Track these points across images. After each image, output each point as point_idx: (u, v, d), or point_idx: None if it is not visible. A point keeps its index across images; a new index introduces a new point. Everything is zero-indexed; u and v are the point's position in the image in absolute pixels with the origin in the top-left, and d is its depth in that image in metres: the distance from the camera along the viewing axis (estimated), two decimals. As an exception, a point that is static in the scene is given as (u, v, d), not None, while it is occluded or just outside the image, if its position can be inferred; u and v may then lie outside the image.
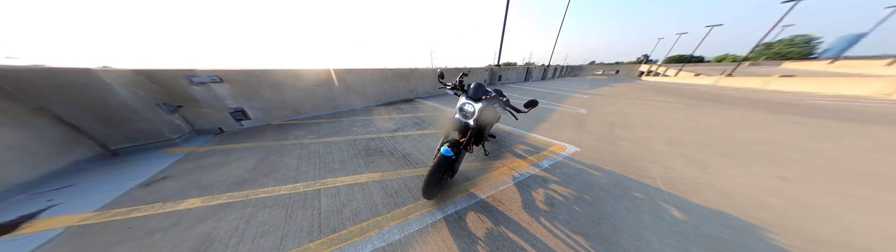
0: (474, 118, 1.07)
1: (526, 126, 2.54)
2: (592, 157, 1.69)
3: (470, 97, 1.10)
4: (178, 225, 0.95)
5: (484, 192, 1.24)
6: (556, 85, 8.60)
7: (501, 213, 1.08)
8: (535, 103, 1.07)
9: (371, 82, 3.58)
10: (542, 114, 3.19)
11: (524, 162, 1.61)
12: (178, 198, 1.15)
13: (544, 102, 4.10)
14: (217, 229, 0.92)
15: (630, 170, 1.50)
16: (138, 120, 1.66)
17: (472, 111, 1.08)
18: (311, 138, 2.10)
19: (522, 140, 2.09)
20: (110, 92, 1.52)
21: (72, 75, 1.41)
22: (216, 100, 2.13)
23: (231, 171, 1.45)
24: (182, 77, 1.94)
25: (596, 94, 5.67)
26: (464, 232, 0.96)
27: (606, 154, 1.76)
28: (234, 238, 0.88)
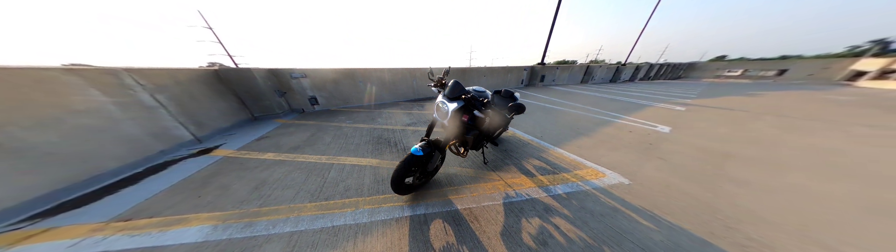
0: (448, 118, 1.03)
1: (552, 138, 2.15)
2: (648, 197, 1.18)
3: (446, 96, 1.05)
4: (257, 168, 1.55)
5: (462, 203, 1.15)
6: (636, 89, 6.46)
7: (471, 232, 0.96)
8: (519, 108, 0.93)
9: (401, 80, 4.03)
10: (583, 125, 2.60)
11: (530, 181, 1.36)
12: (264, 151, 1.84)
13: (596, 111, 3.31)
14: (269, 176, 1.43)
15: (723, 234, 0.93)
16: (265, 99, 2.69)
17: (446, 111, 1.04)
18: (347, 123, 2.67)
19: (539, 154, 1.76)
20: (256, 82, 2.55)
21: (242, 71, 2.46)
22: (302, 89, 3.10)
23: (294, 139, 2.11)
24: (288, 73, 2.91)
25: (706, 107, 3.78)
26: (422, 237, 0.94)
27: (681, 197, 1.18)
28: (273, 185, 1.34)
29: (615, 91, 6.03)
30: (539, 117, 2.92)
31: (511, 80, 6.49)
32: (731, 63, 19.06)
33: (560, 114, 3.14)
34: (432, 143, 1.08)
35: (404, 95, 4.22)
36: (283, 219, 1.01)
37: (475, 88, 1.25)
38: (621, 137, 2.15)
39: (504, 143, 2.00)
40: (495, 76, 5.99)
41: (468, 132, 1.14)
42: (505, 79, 6.26)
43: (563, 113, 3.21)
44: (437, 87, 1.22)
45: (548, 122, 2.67)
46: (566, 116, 2.98)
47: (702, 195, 1.18)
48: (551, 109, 3.47)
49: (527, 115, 3.00)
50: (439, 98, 1.09)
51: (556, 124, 2.58)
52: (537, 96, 4.83)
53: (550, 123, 2.62)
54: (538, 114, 3.13)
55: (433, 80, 1.25)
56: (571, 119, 2.84)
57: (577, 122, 2.72)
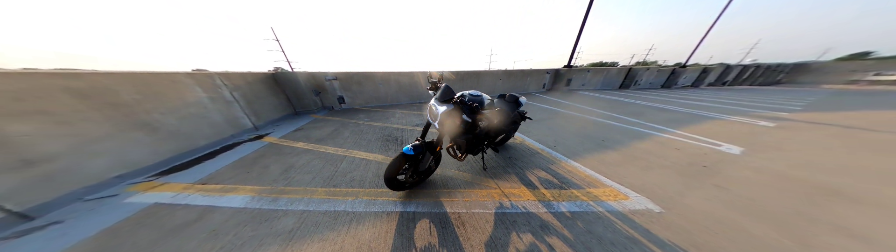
0: (438, 121, 1.07)
1: (567, 148, 1.96)
2: (685, 231, 0.95)
3: (437, 99, 1.11)
4: (289, 154, 1.92)
5: (452, 207, 1.14)
6: (700, 97, 5.26)
7: (455, 237, 0.94)
8: (506, 114, 1.01)
9: (415, 83, 4.32)
10: (612, 137, 2.28)
11: (530, 193, 1.26)
12: (297, 140, 2.24)
13: (632, 122, 2.87)
14: (296, 162, 1.76)
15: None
16: (305, 98, 3.28)
17: (436, 113, 1.08)
18: (364, 121, 3.00)
19: (548, 165, 1.62)
20: (299, 83, 3.13)
21: (290, 74, 3.06)
22: (333, 90, 3.64)
23: (320, 132, 2.51)
24: (323, 76, 3.46)
25: (814, 123, 2.84)
26: (407, 234, 0.97)
27: (740, 239, 0.89)
28: (298, 169, 1.65)
29: (666, 98, 5.11)
30: (557, 125, 2.69)
31: (531, 84, 6.12)
32: (882, 62, 12.48)
33: (584, 122, 2.84)
34: (425, 144, 1.14)
35: (418, 97, 4.48)
36: (299, 198, 1.25)
37: (470, 92, 1.25)
38: (662, 155, 1.80)
39: (509, 150, 1.90)
40: (512, 80, 5.72)
41: (460, 135, 1.16)
42: (523, 82, 5.94)
43: (589, 121, 2.89)
44: (432, 90, 1.29)
45: (566, 131, 2.43)
46: (591, 126, 2.67)
47: (780, 243, 0.87)
48: (573, 117, 3.15)
49: (540, 122, 2.80)
50: (432, 101, 1.15)
51: (575, 134, 2.34)
52: (559, 102, 4.47)
53: (569, 132, 2.38)
54: (556, 121, 2.89)
55: (430, 84, 1.31)
56: (597, 129, 2.54)
57: (604, 132, 2.40)
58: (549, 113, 3.41)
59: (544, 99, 4.84)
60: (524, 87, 6.03)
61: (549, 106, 4.01)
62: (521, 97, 1.68)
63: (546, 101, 4.60)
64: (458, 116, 1.07)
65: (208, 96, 2.11)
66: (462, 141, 1.18)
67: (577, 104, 4.13)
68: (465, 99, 1.11)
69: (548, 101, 4.49)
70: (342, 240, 0.93)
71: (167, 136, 1.73)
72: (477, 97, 1.22)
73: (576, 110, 3.58)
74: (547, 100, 4.72)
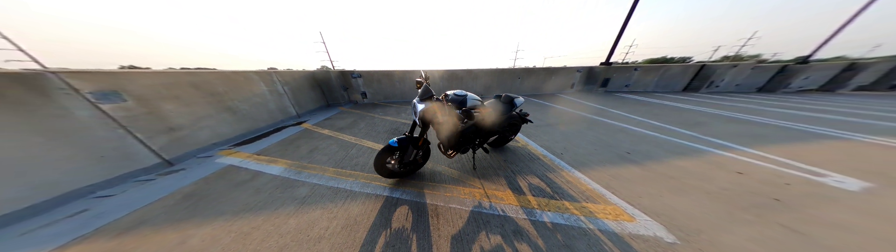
0: (418, 118, 1.16)
1: (576, 157, 1.77)
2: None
3: (418, 97, 1.20)
4: (316, 138, 2.39)
5: (432, 199, 1.21)
6: (837, 105, 3.88)
7: (427, 225, 1.02)
8: (468, 115, 1.07)
9: (431, 81, 4.57)
10: (642, 149, 1.91)
11: (514, 197, 1.21)
12: (324, 128, 2.75)
13: (681, 134, 2.35)
14: (320, 145, 2.21)
15: None
16: (335, 92, 3.91)
17: (416, 111, 1.18)
18: (379, 115, 3.39)
19: (545, 173, 1.49)
20: (331, 79, 3.73)
21: (324, 72, 3.66)
22: (357, 86, 4.17)
23: (342, 122, 2.99)
24: (350, 74, 3.98)
25: None
26: (387, 215, 1.09)
27: None
28: (320, 151, 2.08)
29: (756, 106, 3.89)
30: (573, 131, 2.46)
31: (555, 85, 5.52)
32: None
33: (610, 130, 2.47)
34: (410, 138, 1.24)
35: (435, 92, 4.86)
36: (314, 174, 1.62)
37: (455, 92, 1.31)
38: (709, 177, 1.41)
39: (507, 153, 1.83)
40: (534, 79, 5.31)
41: (441, 133, 1.23)
42: (546, 82, 5.41)
43: (617, 130, 2.51)
44: (419, 88, 1.33)
45: (582, 139, 2.18)
46: (618, 135, 2.32)
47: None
48: (598, 123, 2.78)
49: (553, 127, 2.61)
50: (415, 99, 1.23)
51: (593, 142, 2.07)
52: (587, 105, 4.00)
53: (586, 140, 2.13)
54: (575, 126, 2.62)
55: (417, 83, 1.35)
56: (625, 139, 2.19)
57: (634, 144, 2.05)
58: (570, 117, 3.12)
59: (569, 101, 4.41)
60: (545, 88, 5.49)
61: (571, 109, 3.67)
62: (518, 98, 1.63)
63: (570, 103, 4.19)
64: (433, 114, 1.15)
65: (268, 89, 2.77)
66: (443, 138, 1.27)
67: (609, 108, 3.60)
68: (448, 98, 1.20)
69: (572, 104, 4.09)
70: (337, 211, 1.16)
71: (242, 118, 2.40)
72: (459, 97, 1.27)
73: (605, 115, 3.16)
74: (572, 102, 4.29)
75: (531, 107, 3.86)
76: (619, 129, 2.55)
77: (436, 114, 1.15)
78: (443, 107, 1.15)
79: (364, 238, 0.97)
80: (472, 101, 1.28)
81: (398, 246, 0.92)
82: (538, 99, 4.64)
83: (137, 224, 1.08)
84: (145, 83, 1.70)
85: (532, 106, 3.94)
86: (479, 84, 4.91)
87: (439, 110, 1.15)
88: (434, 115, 1.15)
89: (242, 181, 1.51)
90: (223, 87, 2.26)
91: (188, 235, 0.99)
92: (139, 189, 1.43)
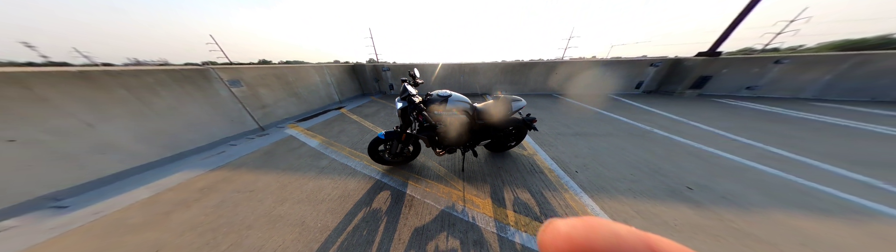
0: (399, 115, 1.28)
1: (594, 179, 1.41)
2: None
3: (398, 95, 1.31)
4: (346, 122, 3.07)
5: (412, 191, 1.31)
6: None
7: (398, 212, 1.13)
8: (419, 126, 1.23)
9: (450, 75, 4.67)
10: (728, 188, 1.30)
11: (491, 208, 1.15)
12: (355, 114, 3.41)
13: (851, 184, 1.34)
14: (346, 127, 2.85)
15: None
16: (369, 83, 4.59)
17: (397, 108, 1.29)
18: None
19: (543, 191, 1.30)
20: (365, 72, 4.37)
21: (360, 66, 4.37)
22: (386, 78, 4.71)
23: (369, 110, 3.60)
24: (381, 67, 4.52)
25: None
26: (371, 195, 1.27)
27: None
28: (346, 133, 2.70)
29: None
30: (610, 145, 1.93)
31: (610, 83, 4.32)
32: None
33: (676, 152, 1.76)
34: (396, 132, 1.37)
35: (451, 88, 4.81)
36: (335, 151, 2.16)
37: (439, 92, 1.30)
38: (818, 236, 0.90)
39: (506, 160, 1.68)
40: (581, 75, 4.24)
41: (421, 131, 1.32)
42: (595, 79, 4.26)
43: (691, 152, 1.75)
44: (405, 83, 1.40)
45: (617, 156, 1.68)
46: (686, 160, 1.63)
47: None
48: (659, 139, 2.06)
49: (583, 137, 2.10)
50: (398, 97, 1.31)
51: (632, 164, 1.57)
52: (651, 112, 3.03)
53: (622, 159, 1.63)
54: (615, 141, 2.03)
55: (403, 81, 1.41)
56: (697, 167, 1.53)
57: (711, 176, 1.42)
58: (614, 127, 2.43)
59: (626, 106, 3.39)
60: (590, 87, 4.41)
61: (621, 116, 2.87)
62: (518, 101, 1.49)
63: (626, 109, 3.22)
64: (406, 113, 1.24)
65: (320, 80, 3.59)
66: (423, 136, 1.35)
67: (690, 121, 2.55)
68: (429, 98, 1.23)
69: (628, 110, 3.13)
70: (340, 182, 1.47)
71: (302, 101, 3.29)
72: (441, 97, 1.25)
73: (677, 130, 2.30)
74: (629, 108, 3.28)
75: (561, 109, 3.30)
76: (691, 152, 1.78)
77: (407, 113, 1.23)
78: (420, 107, 1.17)
79: (349, 209, 1.19)
80: (455, 102, 1.27)
81: (371, 222, 1.09)
82: (578, 100, 3.90)
83: (239, 165, 1.80)
84: (251, 74, 2.57)
85: (562, 108, 3.37)
86: (482, 80, 4.51)
87: (413, 111, 1.20)
88: (408, 114, 1.23)
89: (293, 148, 2.21)
90: (292, 78, 3.12)
91: (258, 179, 1.57)
92: (246, 143, 2.35)
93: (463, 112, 1.29)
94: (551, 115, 2.96)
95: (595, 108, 3.36)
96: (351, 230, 1.07)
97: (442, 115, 1.24)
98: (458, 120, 1.28)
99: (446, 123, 1.27)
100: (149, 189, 1.51)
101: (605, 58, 4.50)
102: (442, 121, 1.26)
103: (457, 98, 1.30)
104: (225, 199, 1.33)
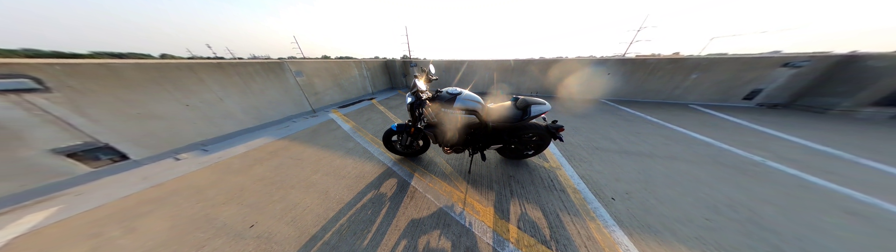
0: (408, 109, 1.31)
1: (639, 211, 1.13)
2: None
3: (409, 89, 1.44)
4: (373, 111, 3.67)
5: (416, 183, 1.41)
6: None
7: (400, 201, 1.23)
8: None
9: (474, 72, 4.88)
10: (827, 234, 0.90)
11: (491, 217, 1.08)
12: (381, 105, 4.03)
13: None
14: (373, 116, 3.42)
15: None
16: (397, 77, 5.20)
17: (407, 102, 1.30)
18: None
19: (557, 211, 1.13)
20: (395, 67, 5.07)
21: (391, 61, 4.99)
22: (412, 73, 5.18)
23: (395, 102, 4.18)
24: (409, 63, 5.00)
25: None
26: (381, 180, 1.42)
27: None
28: (371, 121, 3.28)
29: None
30: (672, 172, 1.47)
31: (702, 90, 3.06)
32: None
33: (799, 194, 1.24)
34: (407, 126, 1.45)
35: (474, 86, 5.05)
36: (360, 136, 2.50)
37: (448, 90, 1.27)
38: None
39: (521, 169, 1.51)
40: (645, 76, 3.17)
41: (427, 127, 1.35)
42: (668, 83, 3.12)
43: (837, 201, 1.19)
44: (423, 80, 1.41)
45: (681, 189, 1.27)
46: (819, 212, 1.10)
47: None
48: (770, 175, 1.43)
49: (630, 155, 1.70)
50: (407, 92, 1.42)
51: (709, 202, 1.16)
52: (774, 136, 2.04)
53: (691, 194, 1.22)
54: (682, 167, 1.53)
55: (415, 76, 1.43)
56: (826, 220, 1.06)
57: (851, 235, 0.97)
58: (691, 148, 1.79)
59: (720, 122, 2.42)
60: (660, 93, 3.32)
61: (704, 135, 2.08)
62: (540, 104, 1.28)
63: (720, 126, 2.29)
64: (414, 108, 1.26)
65: (358, 73, 4.31)
66: (429, 133, 1.37)
67: (857, 156, 1.66)
68: (437, 95, 1.22)
69: (725, 127, 2.26)
70: (359, 164, 1.73)
71: (343, 91, 4.05)
72: (450, 95, 1.19)
73: (824, 168, 1.52)
74: (728, 125, 2.33)
75: (608, 119, 2.63)
76: (846, 206, 1.15)
77: (417, 109, 1.26)
78: (426, 103, 1.20)
79: (361, 189, 1.36)
80: (464, 100, 1.20)
81: (376, 204, 1.21)
82: (636, 109, 3.00)
83: (296, 138, 2.37)
84: (310, 67, 3.34)
85: (609, 118, 2.69)
86: (535, 78, 4.12)
87: (420, 107, 1.23)
88: (416, 110, 1.26)
89: (332, 129, 2.79)
90: (338, 71, 3.86)
91: (304, 150, 2.01)
92: (302, 122, 3.12)
93: (472, 112, 1.23)
94: (592, 125, 2.46)
95: (660, 120, 2.54)
96: (359, 207, 1.20)
97: (448, 114, 1.20)
98: (464, 120, 1.22)
99: (452, 122, 1.22)
100: (245, 146, 2.26)
101: (694, 55, 3.48)
102: (448, 119, 1.21)
103: (466, 96, 1.22)
104: (282, 163, 1.78)
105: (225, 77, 2.37)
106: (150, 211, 1.24)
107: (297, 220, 1.15)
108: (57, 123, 1.47)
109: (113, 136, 1.69)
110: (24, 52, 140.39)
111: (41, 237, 1.08)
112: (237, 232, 1.08)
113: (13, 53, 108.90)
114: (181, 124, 2.07)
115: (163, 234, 1.08)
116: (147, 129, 1.86)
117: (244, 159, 1.91)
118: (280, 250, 0.98)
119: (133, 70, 1.75)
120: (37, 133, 1.41)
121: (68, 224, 1.16)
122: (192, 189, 1.45)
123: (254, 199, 1.33)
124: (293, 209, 1.23)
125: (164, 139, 1.98)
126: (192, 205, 1.29)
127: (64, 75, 1.48)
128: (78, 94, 1.53)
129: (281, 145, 2.23)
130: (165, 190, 1.45)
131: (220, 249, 0.99)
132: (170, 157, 1.99)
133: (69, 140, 1.52)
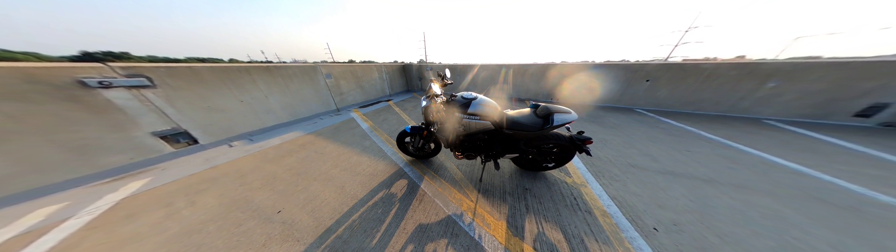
0: (422, 112, 1.34)
1: (691, 247, 0.95)
2: None
3: (424, 92, 1.66)
4: (389, 112, 4.04)
5: (426, 186, 1.43)
6: None
7: (409, 203, 1.25)
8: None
9: (489, 77, 5.12)
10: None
11: (503, 232, 1.01)
12: (397, 107, 4.40)
13: None
14: (389, 117, 3.78)
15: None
16: (413, 80, 5.64)
17: (422, 105, 1.37)
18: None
19: (583, 236, 1.01)
20: (412, 71, 5.46)
21: (408, 65, 5.44)
22: (428, 77, 5.55)
23: (409, 104, 4.55)
24: (425, 67, 5.36)
25: None
26: (391, 181, 1.48)
27: None
28: (387, 122, 3.62)
29: None
30: (740, 204, 1.20)
31: (778, 102, 2.47)
32: None
33: None
34: (420, 128, 1.48)
35: (488, 91, 5.30)
36: (376, 135, 2.73)
37: (463, 94, 1.25)
38: None
39: (539, 182, 1.38)
40: (698, 84, 2.62)
41: (440, 130, 1.36)
42: (730, 92, 2.58)
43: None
44: (439, 84, 1.45)
45: (755, 228, 1.03)
46: None
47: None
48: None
49: (683, 178, 1.43)
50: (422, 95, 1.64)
51: (783, 240, 0.96)
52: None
53: (771, 236, 0.98)
54: (755, 200, 1.23)
55: (437, 78, 1.47)
56: None
57: None
58: (769, 176, 1.46)
59: (818, 146, 1.88)
60: (719, 104, 2.73)
61: (791, 160, 1.65)
62: (565, 113, 1.16)
63: (819, 150, 1.79)
64: (429, 113, 1.28)
65: (378, 76, 4.80)
66: (443, 138, 1.36)
67: None
68: (452, 99, 1.21)
69: (823, 152, 1.80)
70: (374, 162, 1.85)
71: (365, 92, 4.52)
72: (465, 100, 1.16)
73: None
74: (832, 150, 1.80)
75: (647, 132, 2.26)
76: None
77: (431, 113, 1.28)
78: (440, 107, 1.21)
79: (373, 187, 1.42)
80: (479, 106, 1.16)
81: (386, 204, 1.25)
82: (683, 122, 2.54)
83: (321, 133, 2.74)
84: (337, 70, 3.84)
85: (649, 131, 2.31)
86: (550, 83, 3.94)
87: (434, 111, 1.25)
88: (430, 113, 1.28)
89: (352, 127, 3.14)
90: (360, 74, 4.36)
91: (327, 145, 2.29)
92: (327, 119, 3.55)
93: (485, 118, 1.18)
94: (624, 137, 2.13)
95: (720, 137, 2.07)
96: (371, 205, 1.25)
97: (461, 118, 1.17)
98: (478, 125, 1.18)
99: (464, 127, 1.19)
100: (280, 139, 2.66)
101: (770, 59, 2.81)
102: (461, 124, 1.19)
103: (481, 101, 1.17)
104: (308, 155, 1.99)
105: (271, 78, 2.86)
106: (207, 188, 1.51)
107: (316, 210, 1.26)
108: (157, 112, 1.95)
109: (190, 124, 2.16)
110: (143, 57, 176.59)
111: (136, 201, 1.40)
112: (267, 216, 1.22)
113: (140, 59, 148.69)
114: (236, 116, 2.54)
115: (213, 210, 1.28)
116: (212, 120, 2.33)
117: (278, 150, 2.24)
118: (300, 237, 1.07)
119: (208, 71, 2.25)
120: (145, 119, 1.89)
121: (154, 193, 1.50)
122: (237, 173, 1.73)
123: (282, 187, 1.50)
124: (314, 200, 1.35)
125: (223, 128, 2.44)
126: (236, 187, 1.53)
127: (165, 75, 1.98)
128: (172, 90, 2.02)
129: (308, 140, 2.59)
130: (219, 171, 1.77)
131: (253, 229, 1.13)
132: (225, 144, 2.43)
133: (163, 125, 1.99)
